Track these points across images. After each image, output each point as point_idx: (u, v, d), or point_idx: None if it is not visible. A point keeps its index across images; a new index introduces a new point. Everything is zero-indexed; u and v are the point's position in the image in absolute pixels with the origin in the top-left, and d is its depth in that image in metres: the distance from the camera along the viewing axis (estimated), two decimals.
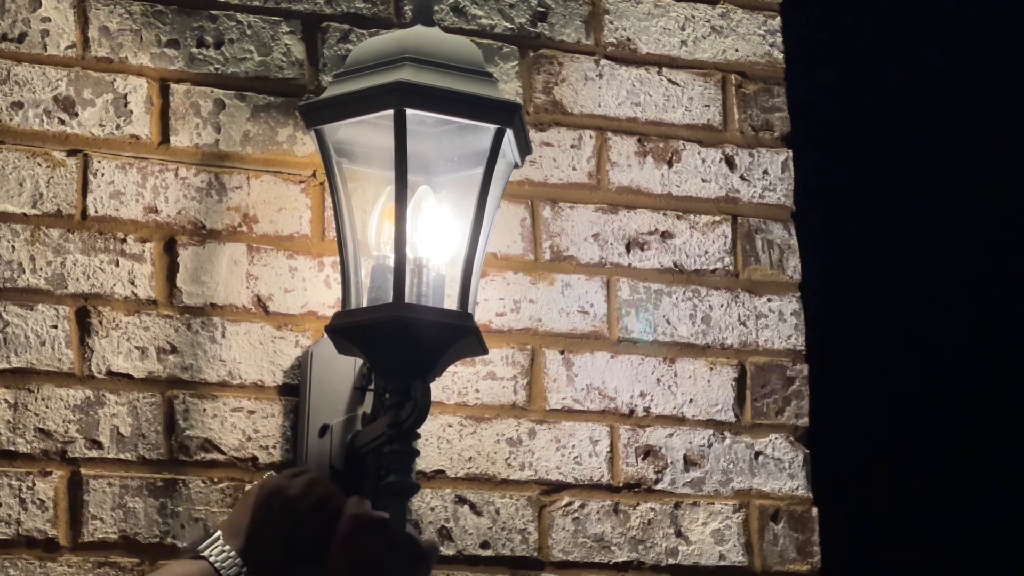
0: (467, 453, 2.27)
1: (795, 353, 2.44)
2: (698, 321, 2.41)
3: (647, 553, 2.31)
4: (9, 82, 2.21)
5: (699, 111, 2.48)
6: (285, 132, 2.29)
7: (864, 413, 3.57)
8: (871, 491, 3.51)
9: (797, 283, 2.46)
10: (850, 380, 3.44)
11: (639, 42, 2.48)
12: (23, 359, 2.13)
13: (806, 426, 2.42)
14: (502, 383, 2.31)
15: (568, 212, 2.39)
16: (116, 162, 2.22)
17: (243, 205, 2.26)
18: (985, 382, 3.79)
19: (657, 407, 2.36)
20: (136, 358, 2.17)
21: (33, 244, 2.17)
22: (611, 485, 2.32)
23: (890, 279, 3.70)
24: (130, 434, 2.14)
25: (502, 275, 2.34)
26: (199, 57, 2.28)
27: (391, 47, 2.09)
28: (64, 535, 2.10)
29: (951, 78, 3.71)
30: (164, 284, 2.21)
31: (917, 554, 3.60)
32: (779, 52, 2.54)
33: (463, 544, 2.24)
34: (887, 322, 3.68)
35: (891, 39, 3.58)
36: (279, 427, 2.20)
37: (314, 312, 2.24)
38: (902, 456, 3.66)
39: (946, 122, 3.72)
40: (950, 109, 3.72)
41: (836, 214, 3.29)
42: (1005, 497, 3.78)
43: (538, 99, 2.41)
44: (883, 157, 3.60)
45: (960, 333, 3.78)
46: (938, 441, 3.73)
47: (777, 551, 2.36)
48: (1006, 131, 3.79)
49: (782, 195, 2.49)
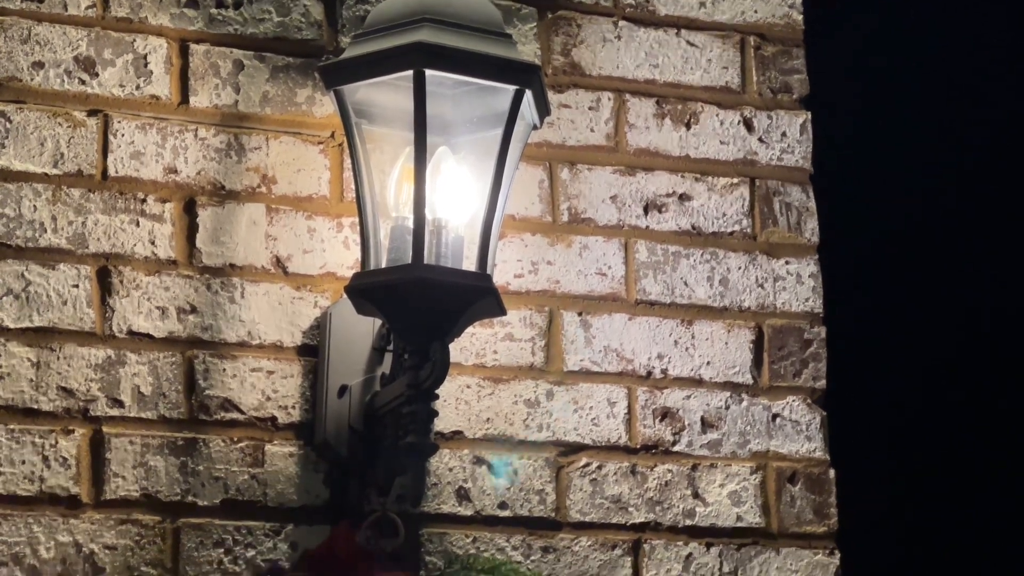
0: (485, 414, 2.28)
1: (813, 316, 2.45)
2: (716, 283, 2.42)
3: (664, 514, 2.32)
4: (30, 42, 2.21)
5: (717, 73, 2.48)
6: (304, 93, 2.30)
7: (884, 375, 3.56)
8: (890, 454, 3.51)
9: (815, 246, 2.48)
10: (871, 342, 3.43)
11: (657, 3, 2.49)
12: (45, 318, 2.14)
13: (823, 388, 2.43)
14: (520, 344, 2.32)
15: (586, 174, 2.40)
16: (136, 122, 2.23)
17: (262, 166, 2.26)
18: (1006, 347, 3.78)
19: (674, 369, 2.37)
20: (156, 318, 2.18)
21: (55, 204, 2.18)
22: (628, 447, 2.33)
23: (913, 248, 3.70)
24: (151, 393, 2.16)
25: (520, 237, 2.35)
26: (218, 17, 2.29)
27: (410, 8, 2.10)
28: (86, 492, 2.11)
29: (972, 45, 3.70)
30: (184, 244, 2.21)
31: (935, 520, 3.60)
32: (798, 13, 2.55)
33: (481, 505, 2.25)
34: (912, 282, 3.67)
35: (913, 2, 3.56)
36: (298, 387, 2.21)
37: (333, 273, 2.25)
38: (922, 420, 3.66)
39: (968, 92, 3.70)
40: (969, 78, 3.70)
41: (856, 178, 3.27)
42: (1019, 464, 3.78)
43: (556, 61, 2.42)
44: (902, 126, 3.59)
45: (979, 299, 3.77)
46: (960, 405, 3.73)
47: (794, 513, 2.37)
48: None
49: (800, 157, 2.50)
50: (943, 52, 3.63)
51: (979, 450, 3.73)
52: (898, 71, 3.60)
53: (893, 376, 3.63)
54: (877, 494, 3.18)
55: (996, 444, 3.74)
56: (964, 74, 3.68)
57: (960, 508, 3.68)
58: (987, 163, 3.72)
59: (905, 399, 3.66)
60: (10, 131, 2.18)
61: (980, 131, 3.69)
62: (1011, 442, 3.76)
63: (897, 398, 3.61)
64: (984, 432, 3.75)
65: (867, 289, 3.44)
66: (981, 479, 3.72)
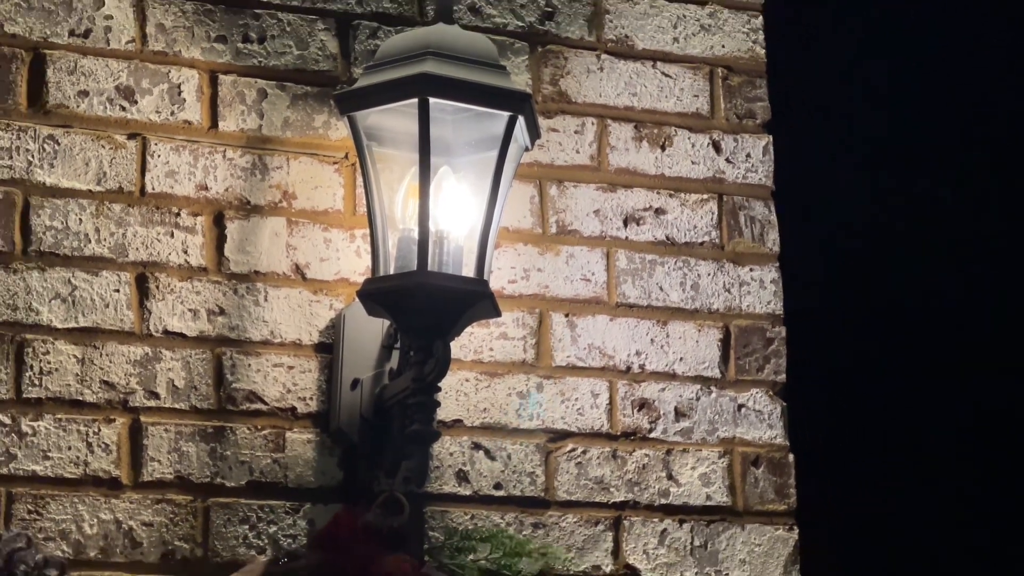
0: (482, 404, 2.32)
1: (774, 317, 2.48)
2: (688, 288, 2.45)
3: (642, 494, 2.36)
4: (76, 73, 2.25)
5: (689, 100, 2.52)
6: (321, 118, 2.34)
7: (838, 371, 3.62)
8: (843, 440, 3.56)
9: (776, 255, 2.50)
10: (827, 341, 3.49)
11: (636, 39, 2.51)
12: (89, 319, 2.19)
13: (784, 382, 2.46)
14: (513, 342, 2.36)
15: (572, 191, 2.43)
16: (171, 144, 2.27)
17: (283, 183, 2.30)
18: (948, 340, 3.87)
19: (651, 364, 2.41)
20: (189, 319, 2.23)
21: (98, 217, 2.22)
22: (610, 433, 2.37)
23: (866, 248, 3.76)
24: (184, 386, 2.20)
25: (513, 247, 2.38)
26: (244, 51, 2.33)
27: (415, 42, 2.14)
28: (126, 475, 2.16)
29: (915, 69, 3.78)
30: (213, 253, 2.26)
31: (882, 496, 3.67)
32: (761, 48, 2.57)
33: (478, 486, 2.29)
34: (860, 287, 3.73)
35: (864, 36, 3.63)
36: (315, 381, 2.25)
37: (346, 279, 2.29)
38: (873, 410, 3.73)
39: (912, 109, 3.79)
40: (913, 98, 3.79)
41: (814, 194, 3.33)
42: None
43: (546, 89, 2.45)
44: (858, 140, 3.66)
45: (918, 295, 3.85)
46: (903, 394, 3.79)
47: (757, 492, 2.40)
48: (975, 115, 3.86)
49: (763, 176, 2.52)
50: (892, 77, 3.67)
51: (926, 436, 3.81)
52: (849, 97, 3.65)
53: (847, 370, 3.67)
54: (832, 476, 3.22)
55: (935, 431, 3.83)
56: (908, 97, 3.76)
57: (908, 488, 3.72)
58: (928, 174, 3.80)
59: (858, 390, 3.69)
60: (58, 152, 2.22)
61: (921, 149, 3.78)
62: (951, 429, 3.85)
63: (851, 390, 3.66)
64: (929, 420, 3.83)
65: (823, 293, 3.51)
66: (929, 463, 3.80)
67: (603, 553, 2.33)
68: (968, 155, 3.83)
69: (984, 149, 3.83)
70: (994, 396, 3.87)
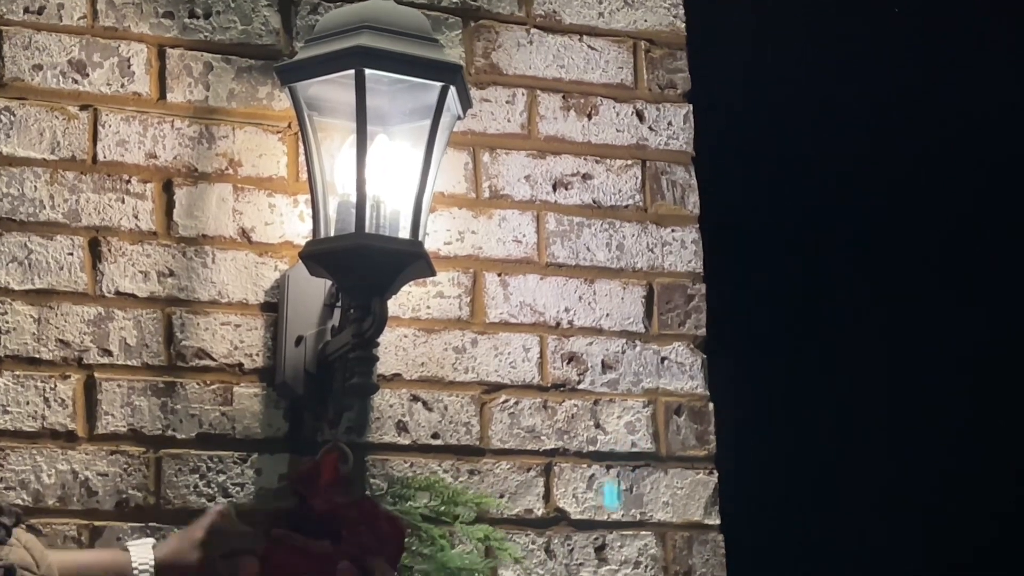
0: (420, 359, 2.31)
1: (694, 275, 2.48)
2: (613, 248, 2.45)
3: (571, 442, 2.36)
4: (31, 48, 2.23)
5: (614, 72, 2.51)
6: (264, 90, 2.32)
7: (756, 322, 3.64)
8: (760, 390, 3.58)
9: (696, 216, 2.50)
10: (746, 295, 3.51)
11: (563, 14, 2.50)
12: (45, 281, 2.17)
13: (704, 335, 2.46)
14: (449, 300, 2.35)
15: (504, 157, 2.43)
16: (121, 115, 2.25)
17: (229, 152, 2.28)
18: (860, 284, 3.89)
19: (579, 320, 2.41)
20: (140, 280, 2.21)
21: (52, 185, 2.20)
22: (541, 385, 2.37)
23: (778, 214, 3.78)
24: (136, 344, 2.19)
25: (449, 210, 2.37)
26: (191, 26, 2.31)
27: (352, 17, 2.12)
28: (81, 428, 2.15)
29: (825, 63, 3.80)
30: (163, 218, 2.24)
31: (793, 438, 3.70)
32: (681, 22, 2.56)
33: (417, 435, 2.29)
34: (776, 237, 3.75)
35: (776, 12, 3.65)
36: (261, 338, 2.24)
37: (290, 241, 2.28)
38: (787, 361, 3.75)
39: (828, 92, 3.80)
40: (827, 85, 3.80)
41: (732, 160, 3.35)
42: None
43: (478, 62, 2.44)
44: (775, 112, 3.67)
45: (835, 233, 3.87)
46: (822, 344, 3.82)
47: (680, 439, 2.41)
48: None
49: (684, 143, 2.52)
50: (808, 54, 3.69)
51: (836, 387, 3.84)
52: (767, 70, 3.65)
53: (765, 323, 3.68)
54: (750, 425, 3.24)
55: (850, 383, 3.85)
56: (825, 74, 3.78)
57: (819, 436, 3.76)
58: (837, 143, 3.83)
59: (775, 344, 3.71)
60: (14, 123, 2.20)
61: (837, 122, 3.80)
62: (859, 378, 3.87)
63: (767, 342, 3.67)
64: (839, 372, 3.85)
65: (741, 253, 3.51)
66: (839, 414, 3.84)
67: (535, 498, 2.33)
68: (880, 121, 3.85)
69: (889, 110, 3.84)
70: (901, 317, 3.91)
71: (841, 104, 3.74)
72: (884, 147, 3.84)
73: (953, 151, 3.89)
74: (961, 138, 3.87)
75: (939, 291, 3.94)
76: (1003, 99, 3.86)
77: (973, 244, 3.98)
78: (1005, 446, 3.87)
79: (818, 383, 3.76)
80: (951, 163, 3.90)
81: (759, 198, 3.61)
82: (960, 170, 3.91)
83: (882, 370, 3.87)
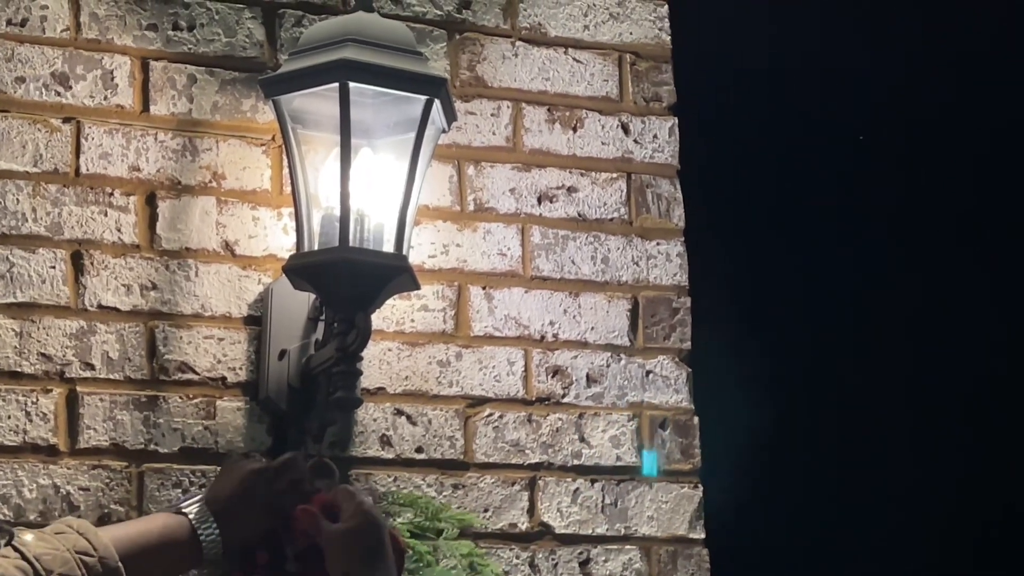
0: (404, 372, 2.30)
1: (680, 288, 2.46)
2: (598, 261, 2.43)
3: (556, 456, 2.35)
4: (13, 60, 2.21)
5: (599, 85, 2.50)
6: (248, 103, 2.31)
7: (743, 337, 3.63)
8: (745, 404, 3.57)
9: (681, 229, 2.48)
10: (730, 311, 3.50)
11: (548, 27, 2.49)
12: (27, 294, 2.15)
13: (688, 349, 2.44)
14: (433, 314, 2.33)
15: (489, 170, 2.41)
16: (104, 128, 2.23)
17: (213, 164, 2.27)
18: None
19: (564, 334, 2.39)
20: (122, 294, 2.19)
21: (34, 197, 2.18)
22: (525, 399, 2.35)
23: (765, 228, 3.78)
24: (118, 357, 2.17)
25: (433, 224, 2.36)
26: (174, 39, 2.29)
27: (337, 30, 2.11)
28: (63, 442, 2.12)
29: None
30: (146, 231, 2.22)
31: (778, 455, 3.69)
32: (667, 35, 2.55)
33: (401, 449, 2.27)
34: (764, 257, 3.74)
35: (763, 22, 3.64)
36: (244, 352, 2.22)
37: (274, 255, 2.26)
38: (773, 376, 3.73)
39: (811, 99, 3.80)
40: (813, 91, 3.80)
41: (717, 173, 3.34)
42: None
43: (463, 75, 2.43)
44: (760, 125, 3.67)
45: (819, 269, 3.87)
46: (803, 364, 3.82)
47: (664, 453, 2.39)
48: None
49: (669, 156, 2.51)
50: (789, 64, 3.71)
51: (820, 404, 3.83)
52: (750, 82, 3.67)
53: (750, 339, 3.70)
54: (735, 438, 3.23)
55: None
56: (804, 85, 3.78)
57: (805, 450, 3.77)
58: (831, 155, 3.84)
59: (760, 359, 3.71)
60: None
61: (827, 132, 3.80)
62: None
63: (753, 358, 3.67)
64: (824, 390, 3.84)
65: (727, 265, 3.51)
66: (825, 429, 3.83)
67: (519, 512, 2.31)
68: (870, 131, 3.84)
69: (881, 116, 3.84)
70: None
71: (831, 112, 3.73)
72: (875, 159, 3.83)
73: (953, 150, 3.88)
74: (961, 138, 3.86)
75: (935, 292, 3.92)
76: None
77: (973, 244, 3.96)
78: (1005, 446, 3.85)
79: (809, 390, 3.75)
80: (951, 164, 3.89)
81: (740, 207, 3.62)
82: (960, 170, 3.89)
83: (879, 378, 3.86)
